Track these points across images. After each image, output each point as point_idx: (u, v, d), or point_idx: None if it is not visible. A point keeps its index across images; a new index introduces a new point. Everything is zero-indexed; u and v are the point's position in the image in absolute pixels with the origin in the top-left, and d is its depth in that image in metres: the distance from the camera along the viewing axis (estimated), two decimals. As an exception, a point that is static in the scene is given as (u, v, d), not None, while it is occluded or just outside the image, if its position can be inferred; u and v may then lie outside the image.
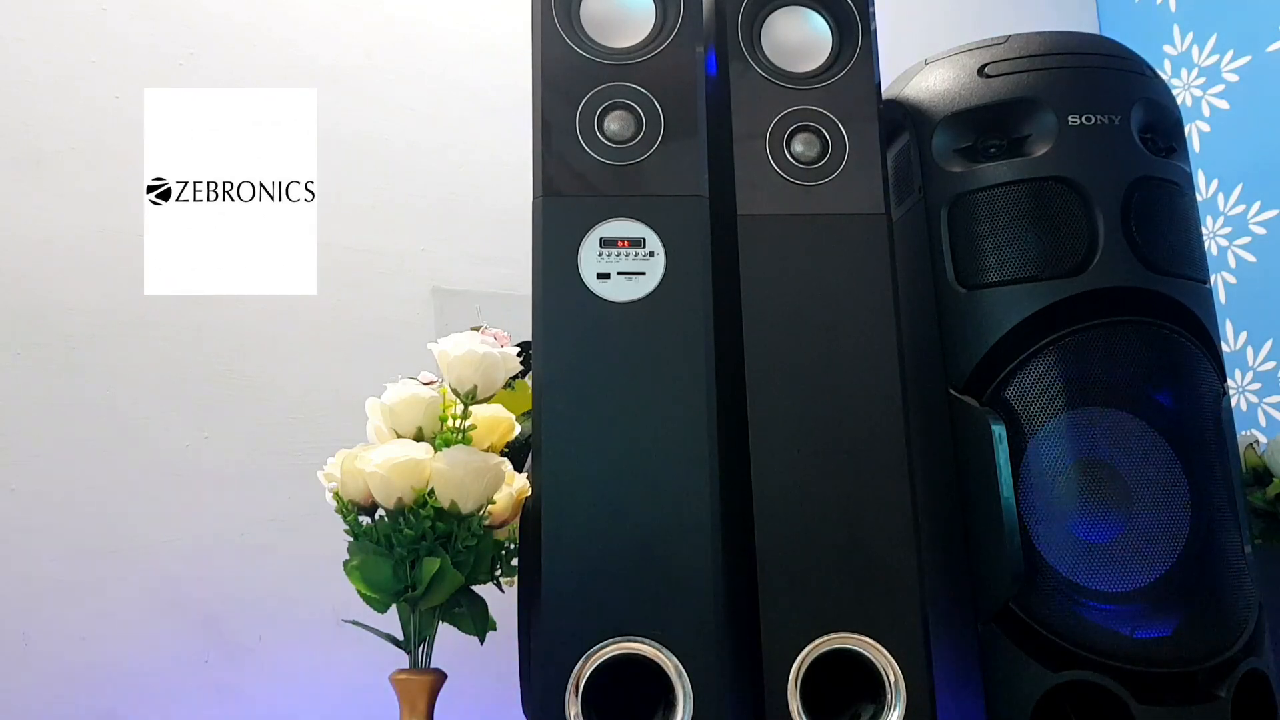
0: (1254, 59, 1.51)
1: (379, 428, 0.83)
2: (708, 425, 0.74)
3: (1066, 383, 0.83)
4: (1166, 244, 0.87)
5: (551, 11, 0.80)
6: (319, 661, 1.12)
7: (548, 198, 0.77)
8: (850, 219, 0.80)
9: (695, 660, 0.69)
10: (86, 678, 1.04)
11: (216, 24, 1.25)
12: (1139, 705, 0.76)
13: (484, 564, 0.79)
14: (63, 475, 1.08)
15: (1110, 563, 0.80)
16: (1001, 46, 0.91)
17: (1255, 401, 1.47)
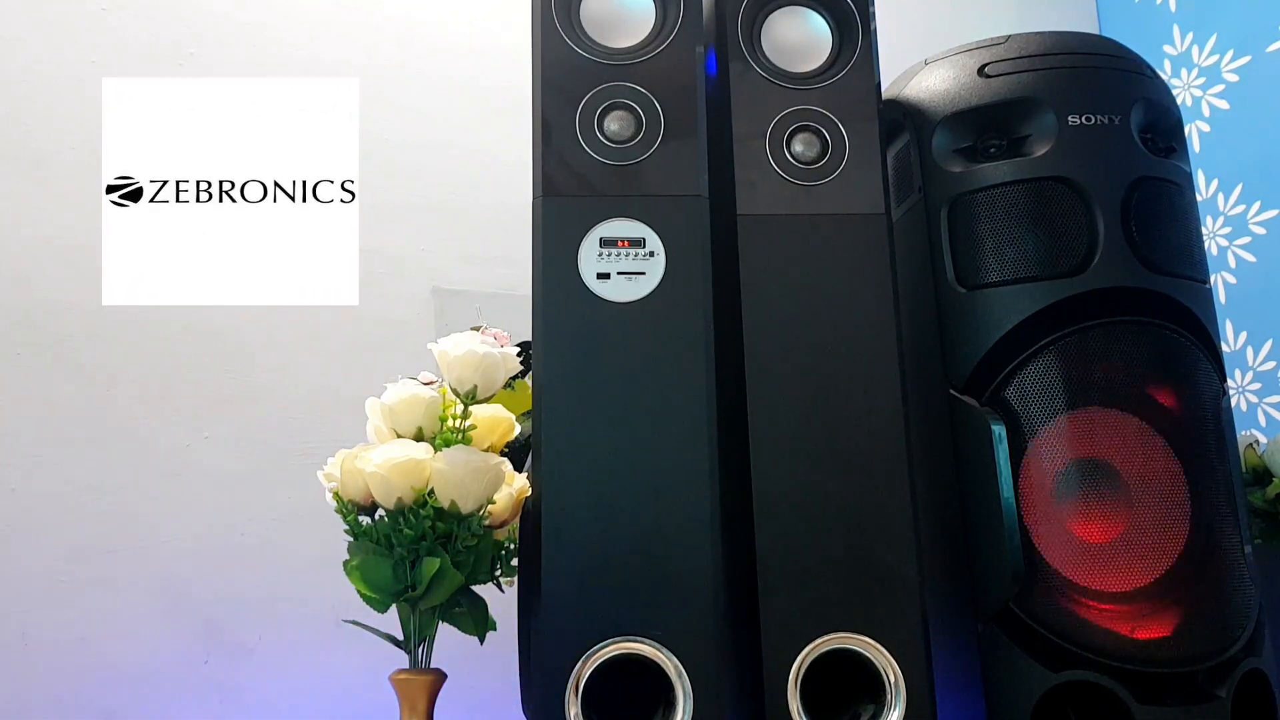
0: (1254, 59, 1.51)
1: (379, 428, 0.83)
2: (708, 425, 0.74)
3: (1066, 383, 0.83)
4: (1166, 244, 0.87)
5: (551, 11, 0.80)
6: (319, 661, 1.12)
7: (548, 198, 0.77)
8: (850, 219, 0.80)
9: (695, 660, 0.69)
10: (86, 678, 1.04)
11: (217, 24, 1.25)
12: (1139, 705, 0.76)
13: (484, 564, 0.79)
14: (63, 475, 1.08)
15: (1110, 563, 0.80)
16: (1001, 46, 0.91)
17: (1255, 401, 1.47)
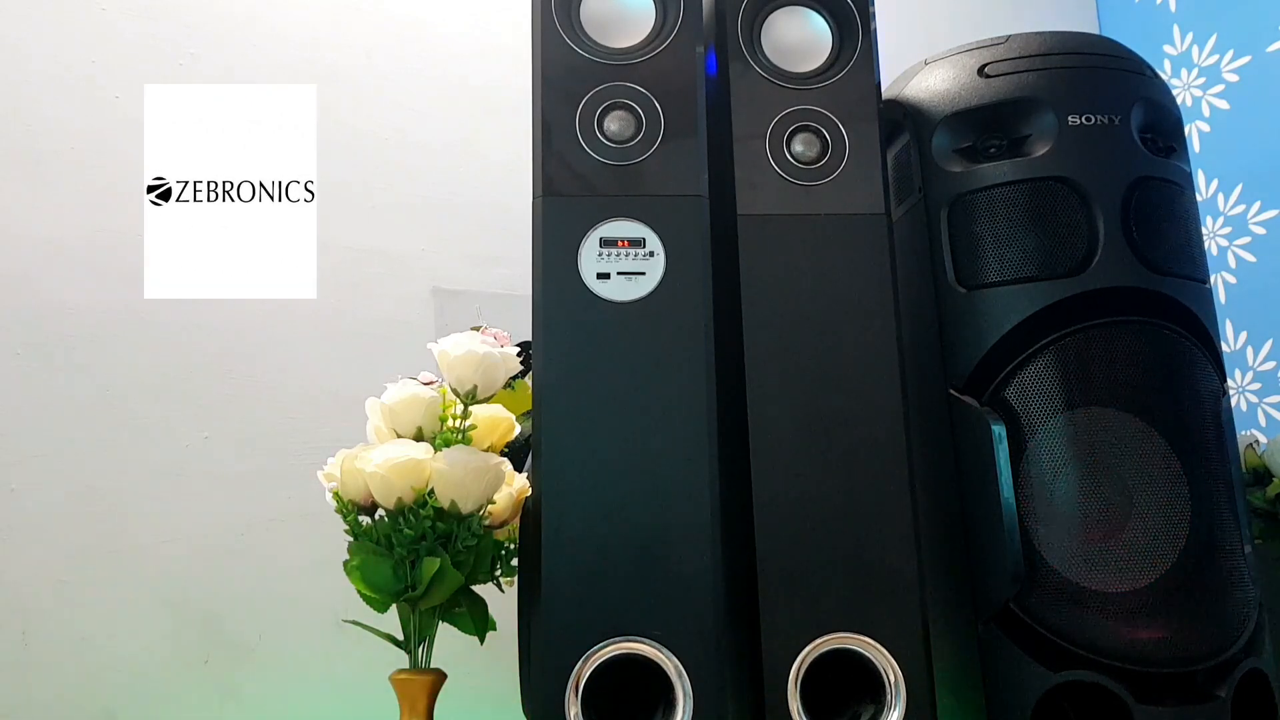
0: (1254, 59, 1.51)
1: (379, 428, 0.83)
2: (708, 425, 0.74)
3: (1066, 383, 0.83)
4: (1166, 244, 0.87)
5: (551, 11, 0.80)
6: (319, 661, 1.12)
7: (548, 198, 0.77)
8: (850, 219, 0.80)
9: (695, 660, 0.69)
10: (86, 678, 1.04)
11: (217, 24, 1.25)
12: (1139, 705, 0.76)
13: (484, 564, 0.80)
14: (63, 475, 1.08)
15: (1110, 563, 0.80)
16: (1001, 46, 0.91)
17: (1255, 401, 1.47)
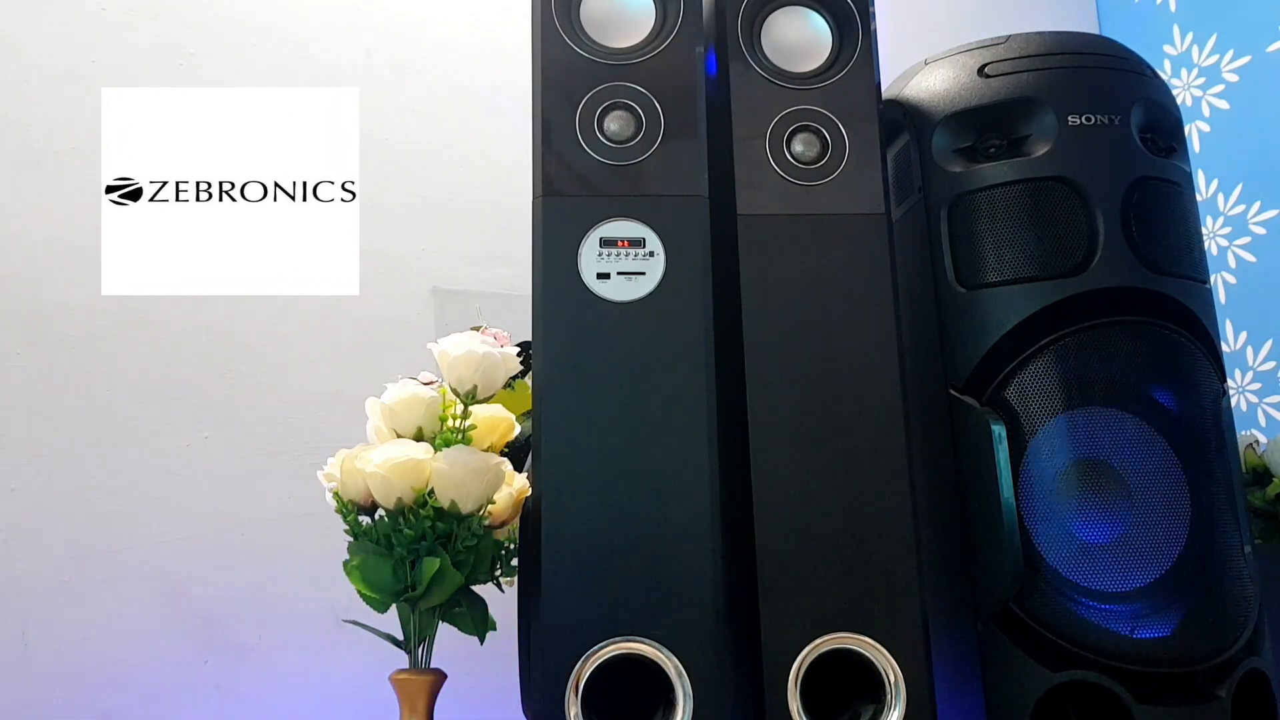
0: (1254, 59, 1.51)
1: (379, 428, 0.83)
2: (708, 425, 0.74)
3: (1066, 383, 0.83)
4: (1166, 244, 0.87)
5: (551, 11, 0.80)
6: (319, 661, 1.12)
7: (548, 198, 0.77)
8: (850, 219, 0.80)
9: (695, 660, 0.69)
10: (86, 678, 1.04)
11: (217, 24, 1.25)
12: (1139, 705, 0.76)
13: (484, 564, 0.79)
14: (63, 475, 1.08)
15: (1110, 563, 0.80)
16: (1001, 46, 0.91)
17: (1255, 401, 1.47)
